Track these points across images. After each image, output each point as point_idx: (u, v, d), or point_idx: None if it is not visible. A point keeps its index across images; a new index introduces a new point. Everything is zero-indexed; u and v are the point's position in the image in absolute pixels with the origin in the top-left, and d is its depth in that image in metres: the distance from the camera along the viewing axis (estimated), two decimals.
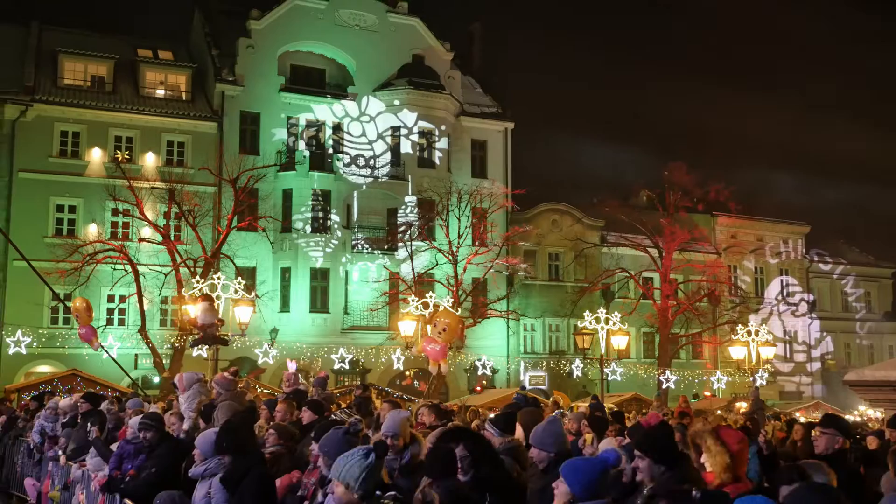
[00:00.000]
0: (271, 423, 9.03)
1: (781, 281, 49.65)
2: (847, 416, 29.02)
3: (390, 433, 6.37)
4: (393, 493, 4.54)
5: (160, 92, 37.49)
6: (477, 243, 37.71)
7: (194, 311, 18.83)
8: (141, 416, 8.48)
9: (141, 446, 8.13)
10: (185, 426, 8.73)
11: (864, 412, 28.97)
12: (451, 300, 31.37)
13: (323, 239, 36.93)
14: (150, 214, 32.15)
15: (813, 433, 7.39)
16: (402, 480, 5.93)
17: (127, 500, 7.48)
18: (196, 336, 18.44)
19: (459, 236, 35.81)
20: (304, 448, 7.57)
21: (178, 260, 31.11)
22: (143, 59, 38.43)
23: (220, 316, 13.84)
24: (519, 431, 6.97)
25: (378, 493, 4.54)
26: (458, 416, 13.93)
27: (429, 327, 17.59)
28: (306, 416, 9.12)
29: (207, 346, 18.87)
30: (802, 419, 20.30)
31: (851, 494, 6.75)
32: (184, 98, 37.62)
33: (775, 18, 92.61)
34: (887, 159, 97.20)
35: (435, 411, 9.57)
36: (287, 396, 10.54)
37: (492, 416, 7.95)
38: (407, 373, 37.06)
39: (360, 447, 4.51)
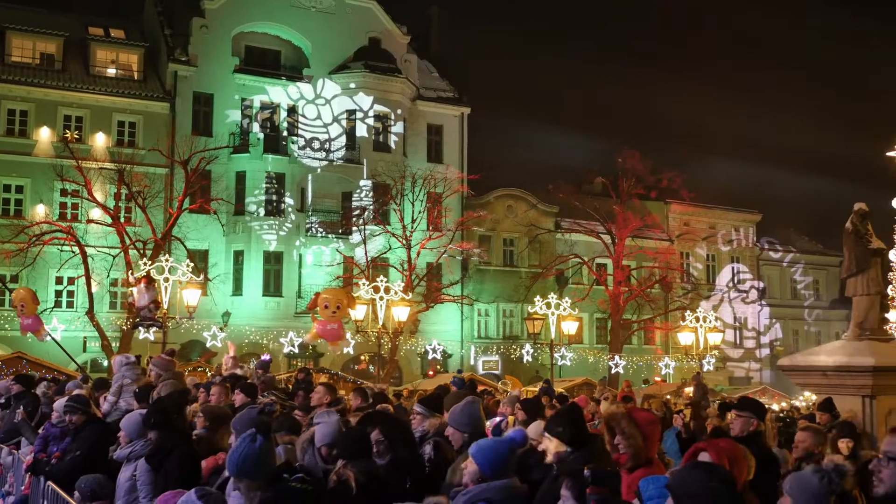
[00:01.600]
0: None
1: (732, 268, 50.38)
2: (793, 401, 29.66)
3: (324, 442, 5.93)
4: (300, 475, 4.56)
5: (111, 71, 36.92)
6: (431, 228, 37.74)
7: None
8: (66, 398, 8.40)
9: (67, 429, 8.06)
10: (104, 408, 8.67)
11: (809, 397, 29.52)
12: (404, 284, 31.39)
13: (277, 222, 36.72)
14: (99, 195, 31.65)
15: (728, 416, 7.55)
16: None
17: (51, 483, 7.41)
18: (136, 318, 18.25)
19: (414, 221, 35.80)
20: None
21: (128, 242, 30.73)
22: (94, 37, 37.76)
23: (158, 298, 13.73)
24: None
25: (286, 475, 4.56)
26: (409, 401, 13.96)
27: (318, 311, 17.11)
28: (238, 398, 9.14)
29: (150, 329, 18.69)
30: None
31: (766, 475, 6.93)
32: (135, 78, 37.10)
33: (730, 14, 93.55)
34: (835, 149, 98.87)
35: (361, 394, 9.63)
36: (223, 380, 10.52)
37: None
38: (362, 357, 37.01)
39: (246, 433, 4.52)
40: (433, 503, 3.66)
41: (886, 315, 16.38)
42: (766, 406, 26.96)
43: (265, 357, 13.33)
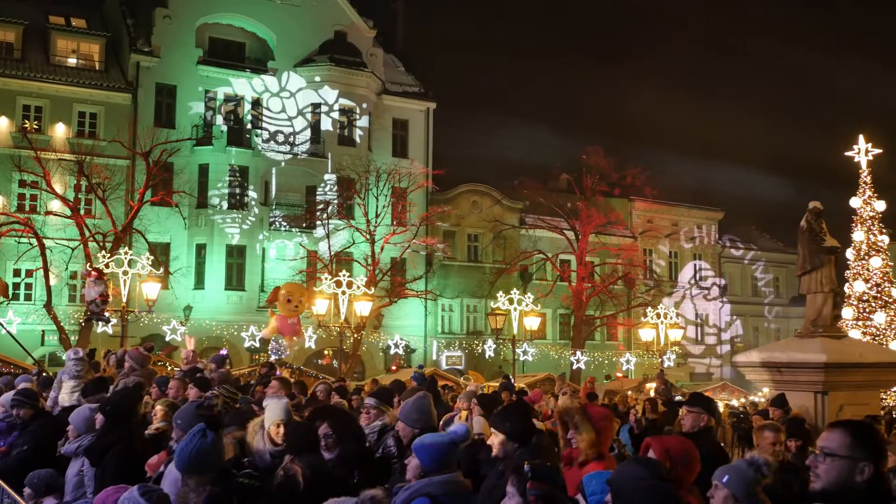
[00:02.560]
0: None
1: (695, 265, 50.86)
2: (752, 397, 30.05)
3: (275, 420, 6.09)
4: (248, 470, 4.53)
5: (72, 61, 36.41)
6: (395, 223, 37.69)
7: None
8: (13, 392, 8.27)
9: (14, 423, 7.94)
10: (48, 403, 8.56)
11: (767, 393, 29.89)
12: (367, 279, 31.33)
13: (240, 215, 36.46)
14: (58, 187, 31.21)
15: (681, 412, 7.61)
16: None
17: None
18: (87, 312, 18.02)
19: (378, 215, 35.72)
20: None
21: (87, 234, 30.34)
22: (54, 26, 37.18)
23: (107, 292, 13.57)
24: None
25: (234, 471, 4.53)
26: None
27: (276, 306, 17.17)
28: (192, 393, 9.08)
29: (98, 322, 18.47)
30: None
31: (715, 470, 7.00)
32: (97, 68, 36.60)
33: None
34: (797, 149, 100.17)
35: (326, 390, 9.66)
36: (183, 374, 10.43)
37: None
38: (325, 352, 36.91)
39: (196, 428, 4.48)
40: (369, 496, 3.64)
41: (840, 312, 16.62)
42: (726, 402, 27.29)
43: (222, 352, 13.24)
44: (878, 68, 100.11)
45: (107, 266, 21.68)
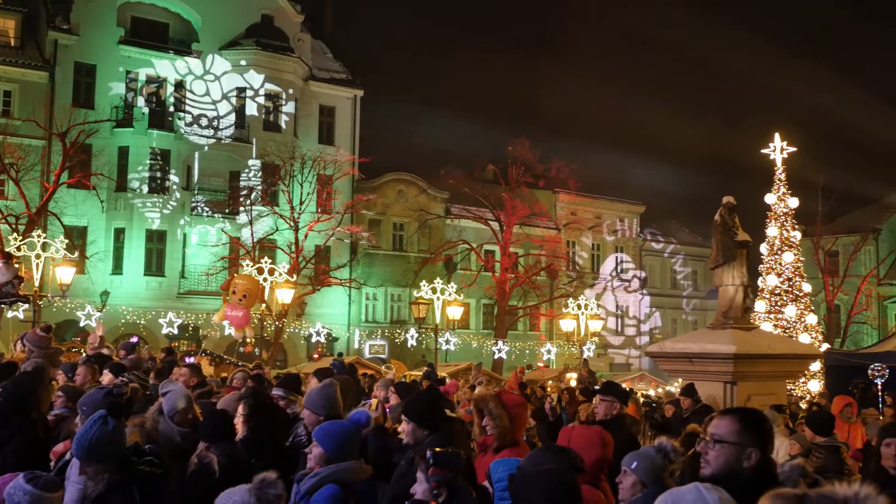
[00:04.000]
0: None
1: (616, 258, 51.74)
2: (668, 387, 30.72)
3: (175, 409, 6.03)
4: (150, 458, 4.47)
5: None
6: (320, 210, 37.43)
7: None
8: None
9: None
10: None
11: (682, 383, 30.60)
12: (290, 267, 31.07)
13: (160, 200, 35.76)
14: None
15: (594, 400, 7.76)
16: None
17: None
18: None
19: (302, 202, 35.39)
20: None
21: None
22: None
23: (19, 274, 13.17)
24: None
25: (134, 458, 4.46)
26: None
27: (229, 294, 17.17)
28: (107, 379, 8.89)
29: (13, 305, 17.93)
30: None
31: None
32: (12, 44, 35.40)
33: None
34: (717, 145, 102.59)
35: (244, 377, 9.58)
36: (89, 359, 10.20)
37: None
38: (248, 339, 36.44)
39: (96, 415, 4.40)
40: (261, 480, 3.62)
41: (751, 305, 17.11)
42: (643, 392, 27.76)
43: (133, 339, 13.01)
44: (794, 68, 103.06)
45: (19, 249, 21.06)
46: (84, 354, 11.51)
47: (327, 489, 4.26)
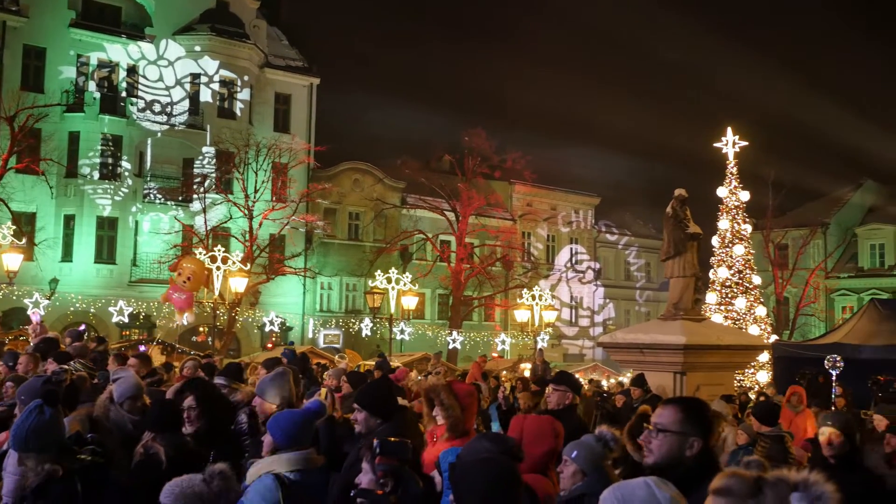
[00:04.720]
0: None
1: (571, 249, 52.11)
2: (621, 378, 31.07)
3: (125, 396, 6.01)
4: (92, 447, 4.41)
5: None
6: (275, 199, 37.12)
7: None
8: None
9: None
10: None
11: (634, 374, 30.96)
12: (244, 255, 30.82)
13: (112, 186, 35.20)
14: None
15: (547, 390, 7.82)
16: None
17: None
18: None
19: (257, 191, 35.06)
20: None
21: None
22: None
23: None
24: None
25: (75, 447, 4.40)
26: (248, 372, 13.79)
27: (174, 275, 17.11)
28: (51, 367, 8.74)
29: None
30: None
31: None
32: None
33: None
34: (671, 138, 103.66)
35: (194, 366, 9.51)
36: (36, 348, 10.02)
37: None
38: (201, 328, 36.12)
39: (31, 404, 4.33)
40: (216, 471, 3.61)
41: (702, 296, 17.30)
42: (596, 381, 28.01)
43: (80, 327, 12.81)
44: (749, 62, 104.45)
45: None
46: (30, 343, 11.31)
47: (260, 480, 4.23)
